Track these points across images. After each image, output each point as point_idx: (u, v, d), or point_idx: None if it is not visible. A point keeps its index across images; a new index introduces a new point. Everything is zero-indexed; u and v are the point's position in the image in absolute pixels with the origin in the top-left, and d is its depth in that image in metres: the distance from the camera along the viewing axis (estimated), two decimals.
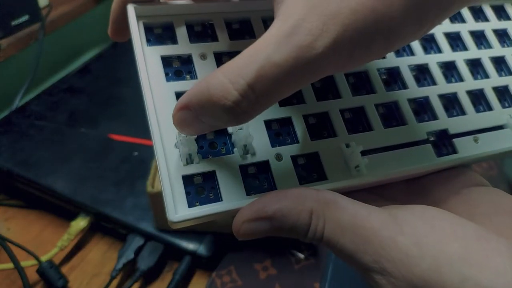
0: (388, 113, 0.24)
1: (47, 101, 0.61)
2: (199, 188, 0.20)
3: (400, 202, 0.20)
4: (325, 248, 0.18)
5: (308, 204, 0.18)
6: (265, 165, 0.21)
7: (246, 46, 0.16)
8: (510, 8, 0.31)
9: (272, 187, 0.20)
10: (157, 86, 0.21)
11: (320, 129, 0.22)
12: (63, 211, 0.50)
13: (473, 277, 0.15)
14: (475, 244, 0.16)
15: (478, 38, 0.29)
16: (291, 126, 0.22)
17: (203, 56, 0.22)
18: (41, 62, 0.67)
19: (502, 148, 0.24)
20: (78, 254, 0.47)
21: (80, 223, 0.47)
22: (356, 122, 0.23)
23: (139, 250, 0.45)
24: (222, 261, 0.45)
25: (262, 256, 0.45)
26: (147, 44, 0.22)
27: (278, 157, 0.21)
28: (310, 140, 0.22)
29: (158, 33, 0.22)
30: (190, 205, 0.19)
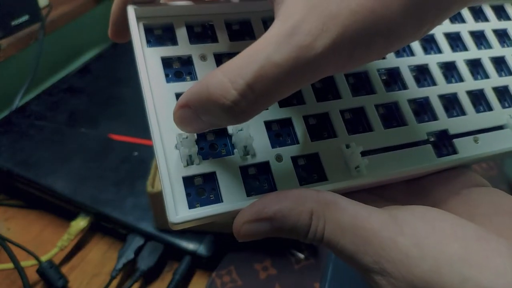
0: (388, 114, 0.24)
1: (47, 101, 0.61)
2: (200, 189, 0.20)
3: (400, 203, 0.20)
4: (325, 248, 0.18)
5: (309, 205, 0.18)
6: (266, 166, 0.21)
7: (246, 47, 0.16)
8: (510, 8, 0.31)
9: (273, 188, 0.20)
10: (157, 87, 0.21)
11: (320, 130, 0.22)
12: (63, 211, 0.50)
13: (473, 278, 0.15)
14: (475, 245, 0.16)
15: (478, 38, 0.29)
16: (291, 127, 0.22)
17: (203, 57, 0.22)
18: (41, 62, 0.67)
19: (502, 149, 0.24)
20: (78, 254, 0.47)
21: (80, 223, 0.47)
22: (356, 123, 0.23)
23: (139, 250, 0.45)
24: (222, 261, 0.45)
25: (262, 256, 0.45)
26: (147, 45, 0.22)
27: (278, 158, 0.21)
28: (310, 141, 0.22)
29: (158, 34, 0.22)
30: (191, 206, 0.19)
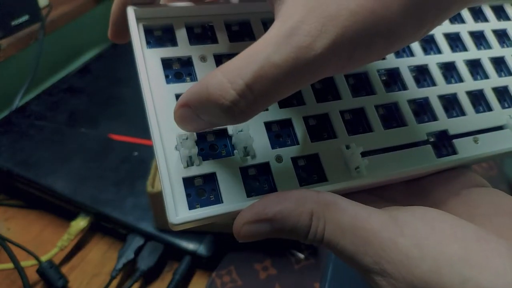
0: (388, 114, 0.24)
1: (47, 101, 0.61)
2: (200, 190, 0.20)
3: (400, 203, 0.20)
4: (325, 248, 0.18)
5: (309, 206, 0.18)
6: (266, 167, 0.21)
7: (246, 48, 0.16)
8: (510, 9, 0.31)
9: (273, 189, 0.20)
10: (157, 88, 0.21)
11: (320, 131, 0.22)
12: (63, 211, 0.50)
13: (473, 278, 0.15)
14: (475, 245, 0.16)
15: (478, 39, 0.29)
16: (291, 128, 0.22)
17: (203, 58, 0.22)
18: (41, 62, 0.67)
19: (502, 149, 0.24)
20: (78, 254, 0.47)
21: (80, 223, 0.47)
22: (356, 123, 0.23)
23: (139, 250, 0.45)
24: (222, 261, 0.45)
25: (262, 256, 0.45)
26: (147, 47, 0.22)
27: (278, 159, 0.21)
28: (310, 142, 0.22)
29: (158, 35, 0.22)
30: (191, 207, 0.19)
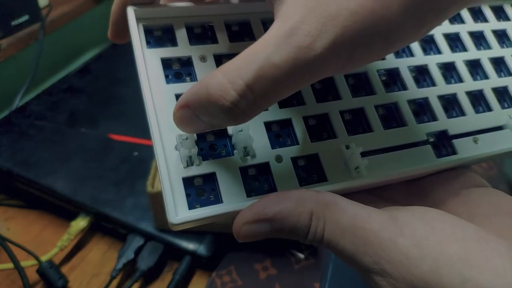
0: (388, 114, 0.24)
1: (47, 101, 0.61)
2: (200, 190, 0.20)
3: (400, 203, 0.20)
4: (325, 248, 0.18)
5: (308, 206, 0.18)
6: (265, 167, 0.21)
7: (246, 48, 0.16)
8: (509, 9, 0.31)
9: (272, 189, 0.20)
10: (157, 89, 0.21)
11: (320, 131, 0.22)
12: (63, 211, 0.50)
13: (473, 278, 0.15)
14: (475, 245, 0.16)
15: (478, 39, 0.29)
16: (291, 128, 0.22)
17: (203, 58, 0.22)
18: (41, 62, 0.67)
19: (502, 149, 0.24)
20: (78, 254, 0.47)
21: (80, 223, 0.47)
22: (356, 124, 0.23)
23: (139, 250, 0.45)
24: (222, 261, 0.45)
25: (262, 256, 0.45)
26: (147, 47, 0.22)
27: (278, 159, 0.21)
28: (310, 142, 0.22)
29: (158, 36, 0.22)
30: (191, 207, 0.19)
